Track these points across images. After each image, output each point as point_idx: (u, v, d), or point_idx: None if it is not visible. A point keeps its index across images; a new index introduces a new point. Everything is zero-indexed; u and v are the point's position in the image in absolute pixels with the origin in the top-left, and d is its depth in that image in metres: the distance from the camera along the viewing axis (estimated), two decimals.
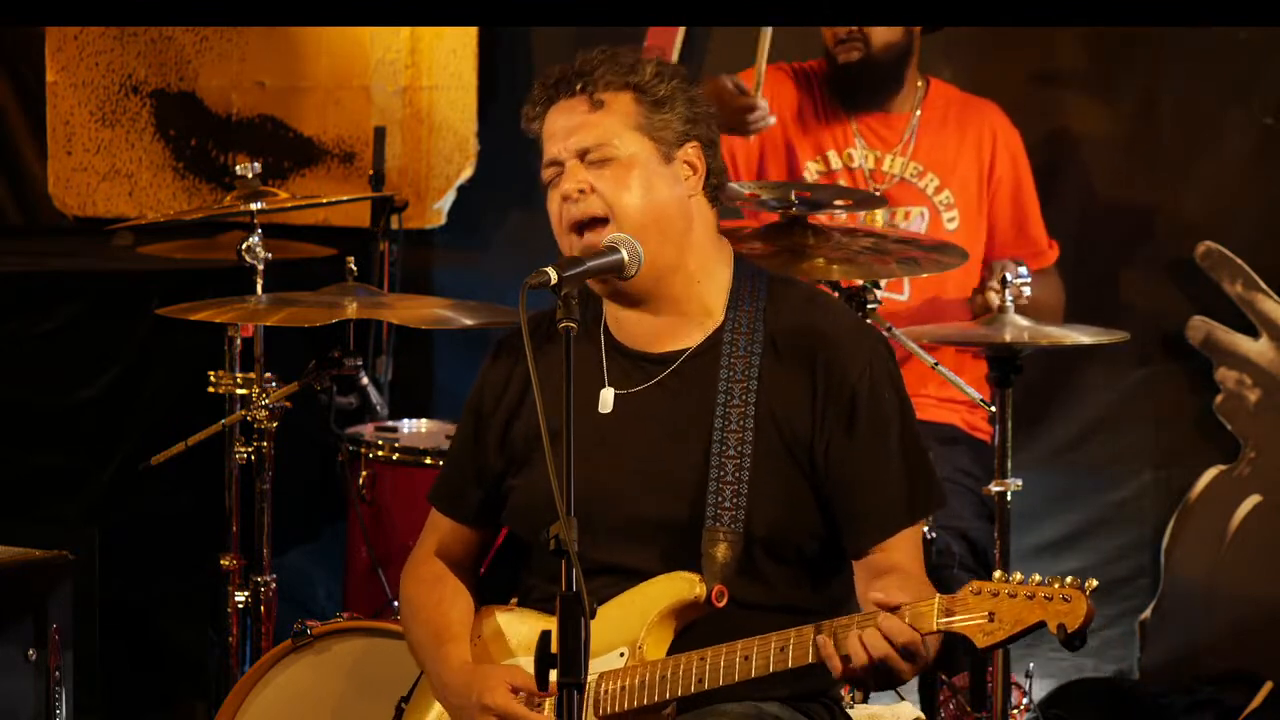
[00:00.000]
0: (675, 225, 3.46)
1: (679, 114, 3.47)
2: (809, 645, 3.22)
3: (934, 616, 3.12)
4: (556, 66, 3.51)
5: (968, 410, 5.26)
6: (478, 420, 3.62)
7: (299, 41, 6.31)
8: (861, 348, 3.47)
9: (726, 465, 3.40)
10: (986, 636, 3.09)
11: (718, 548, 3.36)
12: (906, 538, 3.43)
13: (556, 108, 3.48)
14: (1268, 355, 5.71)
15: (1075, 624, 3.04)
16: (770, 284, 3.54)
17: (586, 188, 3.42)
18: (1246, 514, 5.75)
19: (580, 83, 3.45)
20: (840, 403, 3.42)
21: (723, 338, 3.47)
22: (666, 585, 3.38)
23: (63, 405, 5.88)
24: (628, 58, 3.48)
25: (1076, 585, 3.06)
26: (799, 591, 3.45)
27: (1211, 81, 5.75)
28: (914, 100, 5.40)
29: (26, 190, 6.72)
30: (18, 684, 4.37)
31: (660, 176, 3.45)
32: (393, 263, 5.91)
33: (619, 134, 3.43)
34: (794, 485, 3.42)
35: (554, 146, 3.47)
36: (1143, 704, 5.69)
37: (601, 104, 3.44)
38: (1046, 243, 5.44)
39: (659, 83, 3.46)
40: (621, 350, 3.53)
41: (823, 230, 4.74)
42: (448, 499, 3.68)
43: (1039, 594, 3.07)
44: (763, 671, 3.25)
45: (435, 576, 3.63)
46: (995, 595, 3.09)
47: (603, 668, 3.37)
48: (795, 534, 3.43)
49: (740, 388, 3.43)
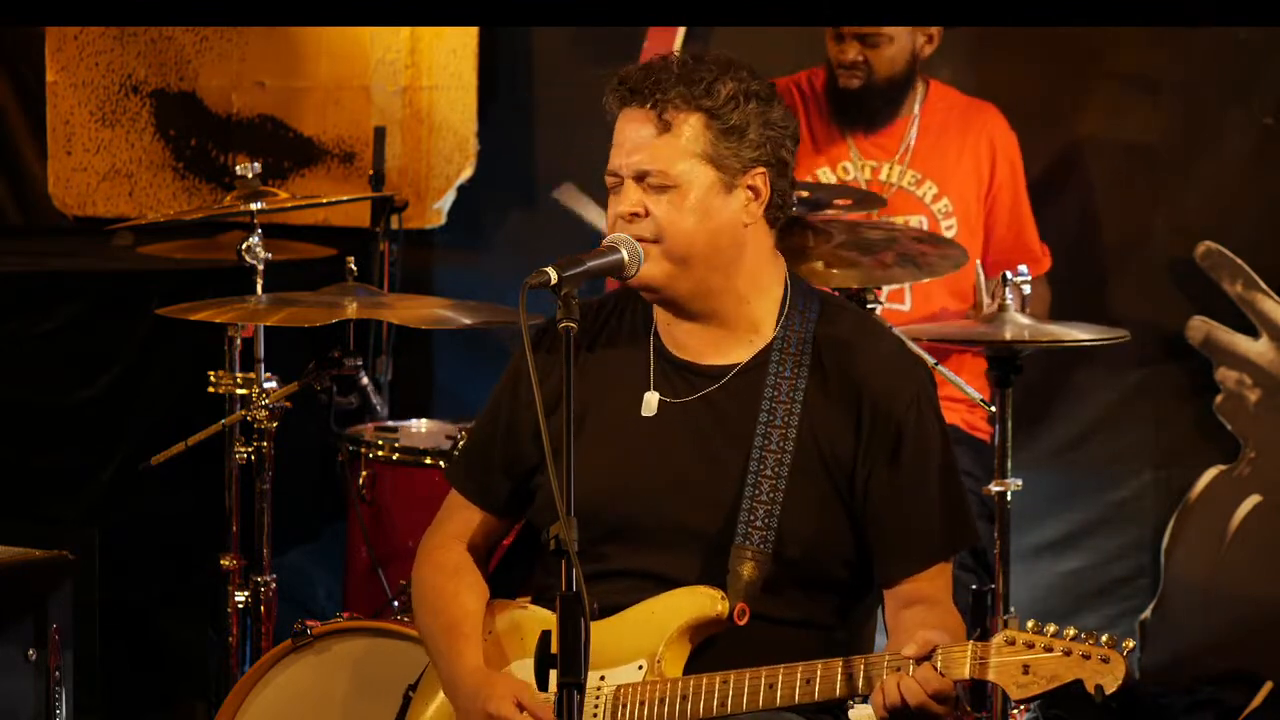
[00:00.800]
0: (725, 253, 3.41)
1: (750, 141, 3.38)
2: (836, 680, 3.22)
3: (967, 665, 3.14)
4: (635, 66, 3.42)
5: (967, 410, 5.26)
6: (513, 407, 3.57)
7: (299, 41, 6.31)
8: (909, 379, 3.45)
9: (762, 485, 3.38)
10: (1020, 689, 3.09)
11: (744, 566, 3.35)
12: (939, 570, 3.44)
13: (627, 114, 3.41)
14: (1268, 355, 5.71)
15: (1113, 686, 3.04)
16: (822, 304, 3.51)
17: (641, 211, 3.38)
18: (1246, 514, 5.75)
19: (652, 98, 3.37)
20: (886, 433, 3.40)
21: (770, 356, 3.45)
22: (689, 599, 3.37)
23: (63, 405, 5.87)
24: (706, 74, 3.38)
25: (1113, 644, 3.05)
26: (822, 612, 3.45)
27: (1211, 81, 5.75)
28: (913, 105, 5.40)
29: (26, 190, 6.72)
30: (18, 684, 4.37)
31: (719, 205, 3.39)
32: (393, 263, 5.91)
33: (681, 161, 3.36)
34: (829, 509, 3.41)
35: (617, 157, 3.41)
36: (1143, 704, 5.69)
37: (669, 126, 3.36)
38: (1040, 250, 5.44)
39: (734, 108, 3.37)
40: (670, 359, 3.50)
41: (823, 230, 4.74)
42: (474, 483, 3.63)
43: (1075, 651, 3.06)
44: (788, 702, 3.25)
45: (454, 566, 3.59)
46: (1030, 647, 3.09)
47: (620, 679, 3.37)
48: (825, 557, 3.42)
49: (784, 409, 3.41)
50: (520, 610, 3.55)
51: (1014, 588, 4.57)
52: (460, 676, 3.46)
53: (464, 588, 3.57)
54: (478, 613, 3.53)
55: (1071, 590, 5.87)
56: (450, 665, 3.49)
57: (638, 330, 3.53)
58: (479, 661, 3.47)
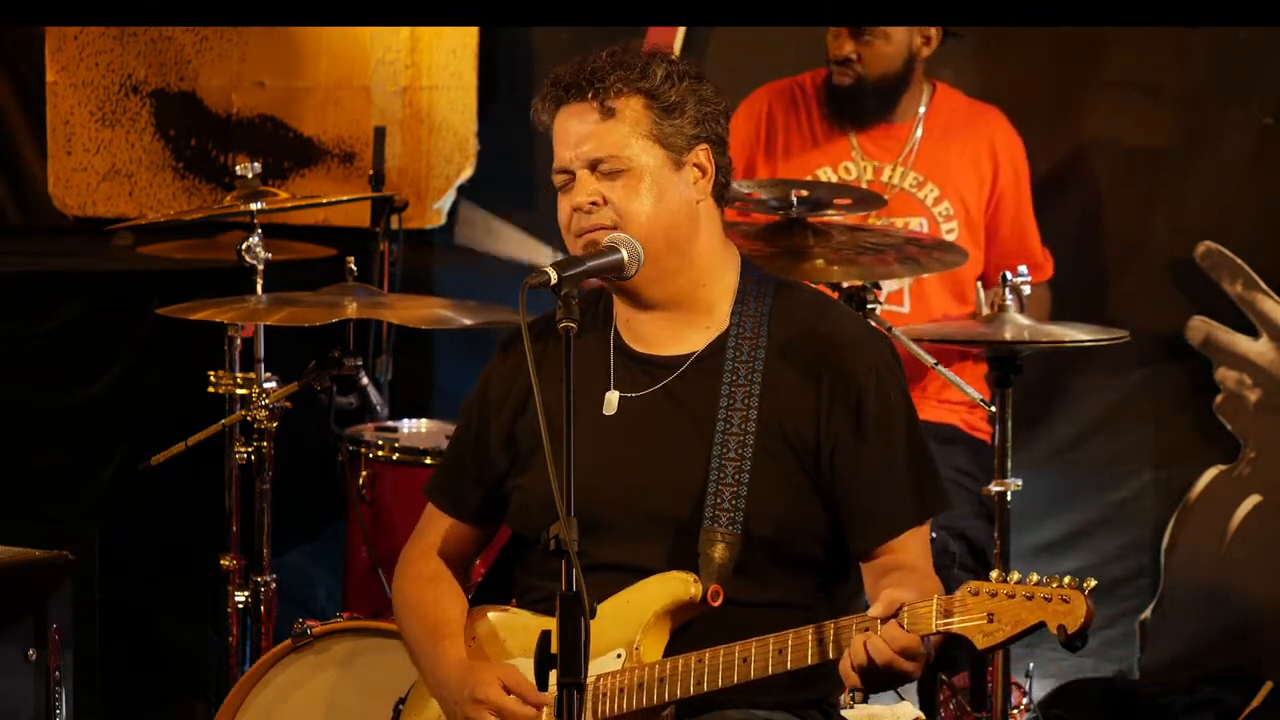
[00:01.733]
0: (682, 231, 3.45)
1: (690, 117, 3.45)
2: (808, 647, 3.22)
3: (933, 618, 3.12)
4: (566, 65, 3.48)
5: (967, 410, 5.26)
6: (481, 416, 3.62)
7: (299, 41, 6.31)
8: (867, 350, 3.48)
9: (727, 468, 3.40)
10: (986, 637, 3.09)
11: (715, 548, 3.37)
12: (913, 536, 3.44)
13: (567, 110, 3.46)
14: (1268, 355, 5.70)
15: (1075, 625, 3.04)
16: (777, 288, 3.54)
17: (599, 200, 3.41)
18: (1246, 514, 5.75)
19: (591, 89, 3.42)
20: (847, 405, 3.42)
21: (727, 342, 3.48)
22: (662, 585, 3.39)
23: (63, 405, 5.88)
24: (637, 59, 3.45)
25: (1075, 585, 3.06)
26: (799, 591, 3.45)
27: (1211, 81, 5.75)
28: (917, 108, 5.39)
29: (26, 190, 6.72)
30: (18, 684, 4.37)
31: (671, 184, 3.44)
32: (393, 263, 5.91)
33: (630, 144, 3.41)
34: (797, 487, 3.43)
35: (565, 153, 3.45)
36: (1143, 704, 5.69)
37: (612, 112, 3.42)
38: (1042, 255, 5.44)
39: (670, 87, 3.43)
40: (629, 353, 3.53)
41: (823, 230, 4.74)
42: (448, 495, 3.68)
43: (1038, 594, 3.07)
44: (761, 673, 3.25)
45: (431, 574, 3.63)
46: (994, 596, 3.09)
47: (600, 669, 3.37)
48: (797, 536, 3.43)
49: (743, 392, 3.43)
50: (501, 613, 3.56)
51: None
52: (445, 671, 3.48)
53: (443, 594, 3.61)
54: (458, 617, 3.57)
55: None
56: (434, 664, 3.51)
57: (598, 328, 3.56)
58: (462, 655, 3.49)
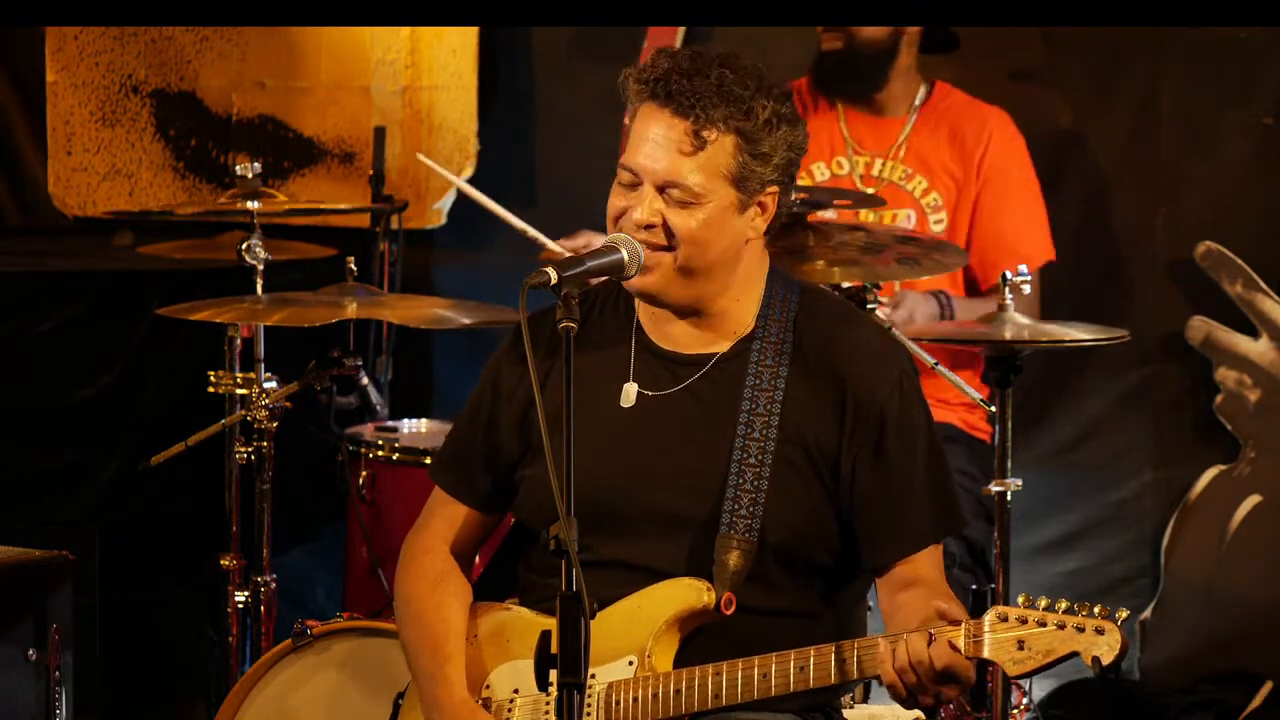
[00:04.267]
0: (728, 265, 3.44)
1: (774, 165, 3.39)
2: (829, 666, 3.23)
3: (962, 642, 3.12)
4: (678, 59, 3.37)
5: (966, 410, 5.26)
6: (494, 401, 3.59)
7: (299, 41, 6.30)
8: (891, 365, 3.46)
9: (746, 473, 3.39)
10: (1016, 666, 3.06)
11: (730, 555, 3.36)
12: (929, 553, 3.44)
13: (661, 114, 3.37)
14: (1268, 355, 5.70)
15: (1110, 657, 3.01)
16: (803, 295, 3.53)
17: (658, 221, 3.38)
18: (1246, 514, 5.75)
19: (693, 113, 3.33)
20: (869, 420, 3.41)
21: (751, 345, 3.46)
22: (674, 591, 3.37)
23: (62, 405, 5.88)
24: (747, 88, 3.35)
25: (1106, 615, 3.03)
26: (808, 600, 3.45)
27: (1211, 81, 5.75)
28: (910, 104, 5.40)
29: (26, 190, 6.72)
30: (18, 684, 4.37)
31: (732, 223, 3.40)
32: (393, 263, 5.91)
33: (709, 181, 3.36)
34: (813, 497, 3.42)
35: (641, 159, 3.38)
36: (1143, 704, 5.69)
37: (704, 144, 3.34)
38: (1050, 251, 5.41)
39: (768, 133, 3.37)
40: (651, 349, 3.51)
41: (823, 230, 4.74)
42: (457, 481, 3.63)
43: (1069, 623, 3.04)
44: (782, 690, 3.25)
45: (438, 574, 3.60)
46: (1023, 623, 3.06)
47: (611, 676, 3.36)
48: (810, 545, 3.42)
49: (766, 397, 3.42)
50: (504, 612, 3.55)
51: (1014, 588, 4.57)
52: (443, 702, 3.47)
53: (448, 596, 3.58)
54: (461, 629, 3.54)
55: (1071, 590, 5.86)
56: (434, 689, 3.49)
57: (620, 322, 3.54)
58: (464, 691, 3.47)
